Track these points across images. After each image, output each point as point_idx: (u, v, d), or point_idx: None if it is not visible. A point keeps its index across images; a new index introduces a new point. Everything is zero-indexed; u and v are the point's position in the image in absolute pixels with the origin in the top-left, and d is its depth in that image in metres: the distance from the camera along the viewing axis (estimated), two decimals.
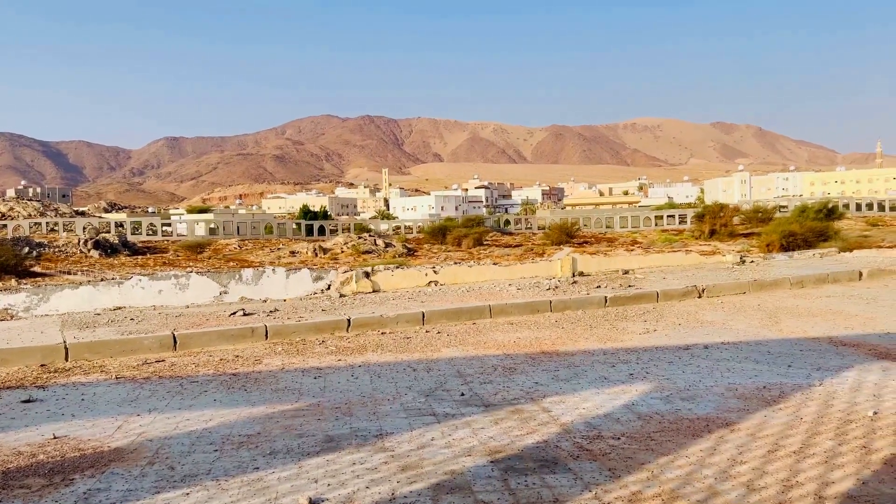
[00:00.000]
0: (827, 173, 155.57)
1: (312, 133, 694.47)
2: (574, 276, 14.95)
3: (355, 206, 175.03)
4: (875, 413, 5.15)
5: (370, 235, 60.33)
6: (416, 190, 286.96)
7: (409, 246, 57.34)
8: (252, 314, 10.44)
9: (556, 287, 12.71)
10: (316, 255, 51.09)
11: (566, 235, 60.97)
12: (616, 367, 6.93)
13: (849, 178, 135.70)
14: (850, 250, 21.70)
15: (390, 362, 7.46)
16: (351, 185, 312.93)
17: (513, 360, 7.37)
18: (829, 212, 62.87)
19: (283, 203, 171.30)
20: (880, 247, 34.56)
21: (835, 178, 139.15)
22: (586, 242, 60.99)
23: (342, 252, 52.20)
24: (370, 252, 51.86)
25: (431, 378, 6.68)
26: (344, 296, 12.69)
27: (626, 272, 15.28)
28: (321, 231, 78.86)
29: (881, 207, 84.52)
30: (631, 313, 10.43)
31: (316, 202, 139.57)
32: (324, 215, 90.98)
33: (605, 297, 11.28)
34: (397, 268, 14.83)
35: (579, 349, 7.91)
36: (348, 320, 9.52)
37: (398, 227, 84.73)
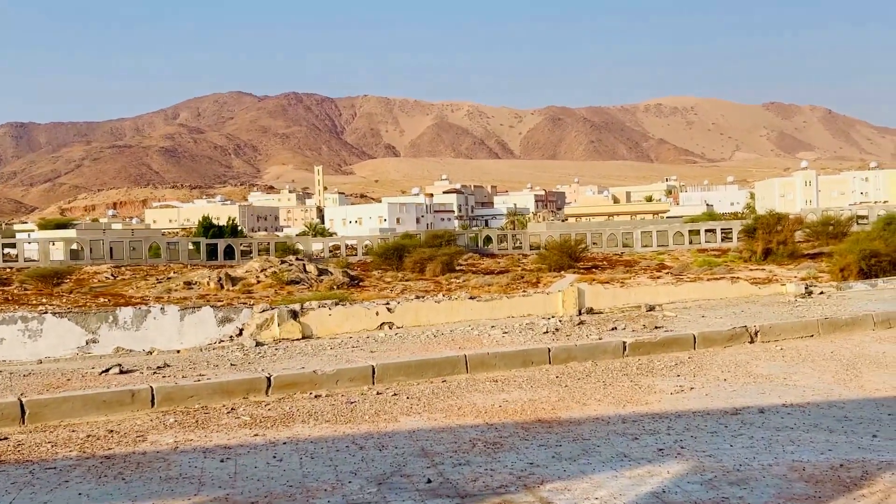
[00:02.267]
0: None
1: (216, 117, 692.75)
2: (581, 313, 15.06)
3: (277, 218, 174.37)
4: None
5: (298, 259, 60.15)
6: (362, 195, 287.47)
7: (352, 273, 57.25)
8: (132, 371, 10.31)
9: (557, 329, 12.78)
10: (222, 286, 50.69)
11: (569, 258, 61.51)
12: (640, 441, 6.98)
13: None
14: None
15: (328, 437, 7.40)
16: (271, 188, 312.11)
17: (498, 432, 7.37)
18: None
19: (176, 214, 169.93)
20: None
21: None
22: (596, 267, 61.58)
23: (258, 282, 51.88)
24: (298, 282, 51.63)
25: (386, 459, 6.64)
26: (262, 344, 12.60)
27: (652, 308, 15.44)
28: (229, 253, 78.33)
29: None
30: (659, 365, 10.52)
31: (222, 212, 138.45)
32: (233, 231, 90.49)
33: (624, 342, 11.36)
34: (337, 304, 14.79)
35: (589, 416, 7.94)
36: (268, 379, 9.44)
37: (337, 248, 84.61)
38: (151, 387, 8.98)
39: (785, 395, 8.56)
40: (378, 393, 9.33)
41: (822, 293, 17.58)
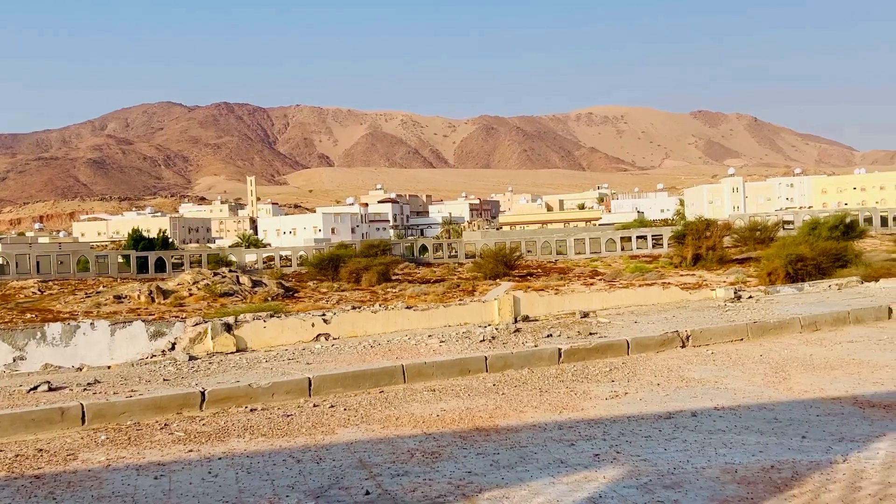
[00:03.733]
0: (843, 177, 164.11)
1: (146, 128, 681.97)
2: (516, 321, 15.14)
3: (209, 230, 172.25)
4: None
5: (231, 271, 59.44)
6: (296, 206, 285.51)
7: (287, 284, 56.79)
8: (62, 388, 10.09)
9: (493, 338, 12.83)
10: (153, 300, 49.90)
11: (504, 266, 61.92)
12: (576, 446, 7.04)
13: (871, 184, 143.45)
14: (876, 279, 22.86)
15: (264, 451, 7.33)
16: (203, 199, 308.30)
17: (436, 442, 7.37)
18: (848, 228, 66.29)
19: (105, 227, 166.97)
20: None
21: (853, 182, 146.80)
22: (531, 275, 62.02)
23: (191, 295, 51.18)
24: (231, 294, 51.06)
25: (323, 471, 6.60)
26: (195, 358, 12.42)
27: (586, 315, 15.60)
28: (160, 266, 77.13)
29: None
30: (594, 371, 10.63)
31: (152, 224, 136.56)
32: (163, 243, 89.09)
33: (559, 349, 11.45)
34: (272, 316, 14.64)
35: (526, 423, 7.99)
36: (202, 393, 9.31)
37: (271, 259, 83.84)
38: (82, 404, 8.79)
39: (716, 399, 8.71)
40: (315, 405, 9.26)
41: (750, 297, 17.93)
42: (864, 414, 7.79)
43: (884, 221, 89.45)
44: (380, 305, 18.87)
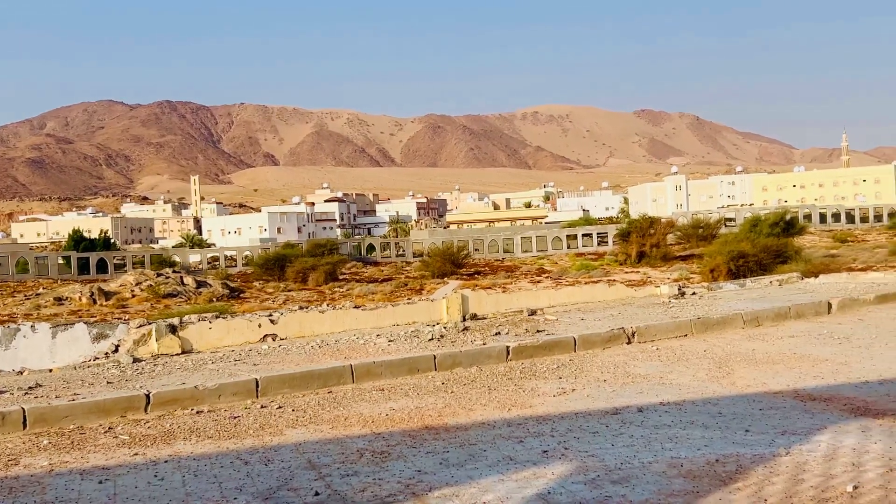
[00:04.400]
0: (783, 175, 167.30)
1: (86, 126, 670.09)
2: (465, 319, 15.18)
3: (152, 230, 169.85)
4: (855, 487, 5.54)
5: (175, 272, 58.72)
6: (241, 205, 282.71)
7: (232, 285, 56.26)
8: (2, 392, 9.89)
9: (442, 336, 12.85)
10: (95, 301, 49.09)
11: (452, 264, 62.02)
12: (525, 443, 7.08)
13: (810, 181, 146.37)
14: (816, 275, 23.37)
15: (211, 454, 7.25)
16: (145, 199, 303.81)
17: (385, 441, 7.37)
18: (788, 225, 67.67)
19: (44, 227, 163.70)
20: (851, 269, 37.51)
21: (793, 180, 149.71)
22: (479, 273, 62.22)
23: (134, 297, 50.45)
24: (175, 295, 50.43)
25: (272, 473, 6.56)
26: (140, 360, 12.25)
27: (534, 312, 15.69)
28: (101, 267, 75.91)
29: (850, 218, 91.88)
30: (541, 368, 10.71)
31: (93, 225, 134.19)
32: (105, 244, 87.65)
33: (507, 347, 11.52)
34: (217, 317, 14.50)
35: (475, 420, 8.02)
36: (147, 396, 9.19)
37: (216, 259, 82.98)
38: (23, 408, 8.63)
39: (662, 394, 8.82)
40: (262, 406, 9.20)
41: (694, 294, 18.20)
42: (806, 407, 7.96)
43: (822, 218, 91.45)
44: (327, 305, 18.80)
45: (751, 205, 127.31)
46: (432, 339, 12.66)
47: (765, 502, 5.37)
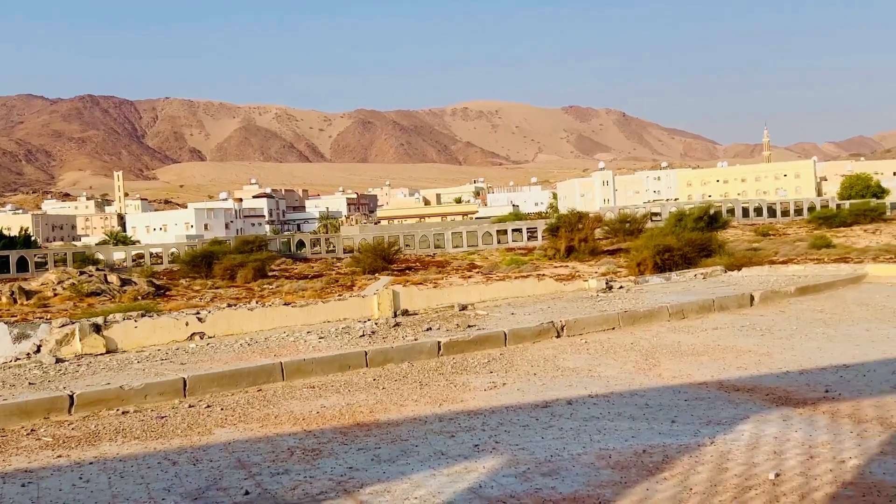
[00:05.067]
0: (707, 170, 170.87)
1: (5, 122, 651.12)
2: (396, 315, 15.18)
3: (74, 227, 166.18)
4: (777, 475, 5.69)
5: (98, 270, 57.55)
6: (167, 201, 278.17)
7: (158, 283, 55.35)
8: None
9: (373, 332, 12.83)
10: (15, 301, 47.87)
11: (383, 260, 61.91)
12: (456, 438, 7.12)
13: (732, 176, 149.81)
14: (739, 268, 23.91)
15: (138, 454, 7.14)
16: (67, 195, 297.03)
17: (317, 439, 7.34)
18: (712, 219, 69.15)
19: None
20: (773, 262, 38.45)
21: (716, 175, 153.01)
22: (410, 269, 62.25)
23: (56, 295, 49.31)
24: (99, 294, 49.42)
25: (200, 473, 6.48)
26: (63, 360, 11.98)
27: (465, 307, 15.76)
28: (22, 266, 74.06)
29: (771, 212, 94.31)
30: (472, 363, 10.76)
31: (13, 222, 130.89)
32: (25, 242, 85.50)
33: (439, 342, 11.55)
34: (143, 316, 14.25)
35: (407, 416, 8.03)
36: (71, 397, 9.00)
37: (141, 256, 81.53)
38: None
39: (591, 387, 8.94)
40: (190, 406, 9.08)
41: (621, 287, 18.47)
42: (729, 398, 8.14)
43: (745, 212, 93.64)
44: (257, 302, 18.62)
45: (676, 200, 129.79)
46: (363, 335, 12.63)
47: (690, 491, 5.49)
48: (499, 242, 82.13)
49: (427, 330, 12.90)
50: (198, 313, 14.29)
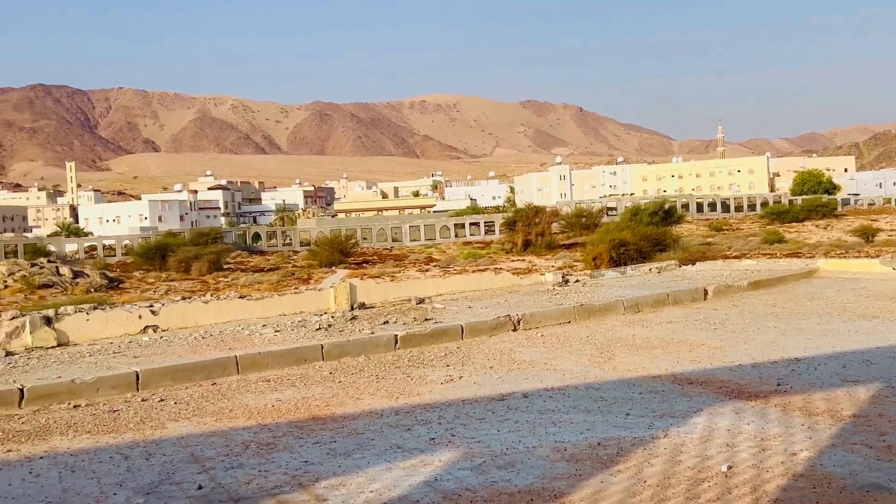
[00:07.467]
0: (662, 165, 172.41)
1: None
2: (353, 308, 15.14)
3: (25, 219, 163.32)
4: (729, 468, 5.78)
5: (50, 261, 56.61)
6: (120, 193, 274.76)
7: (111, 275, 54.60)
8: None
9: (330, 326, 12.79)
10: None
11: (340, 253, 61.60)
12: (413, 431, 7.12)
13: (687, 171, 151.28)
14: (693, 262, 24.19)
15: (89, 449, 7.06)
16: (18, 186, 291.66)
17: (271, 433, 7.30)
18: (666, 214, 69.81)
19: None
20: (726, 256, 38.99)
21: (671, 171, 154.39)
22: (367, 262, 62.06)
23: (6, 287, 48.48)
24: (51, 286, 48.65)
25: (153, 467, 6.42)
26: (13, 354, 11.79)
27: (422, 301, 15.76)
28: None
29: (725, 207, 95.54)
30: (429, 356, 10.77)
31: None
32: None
33: (396, 335, 11.54)
34: (95, 308, 14.06)
35: (363, 410, 8.02)
36: (21, 390, 8.87)
37: (94, 248, 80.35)
38: None
39: (546, 380, 8.99)
40: (143, 399, 8.98)
41: (577, 281, 18.58)
42: (683, 391, 8.24)
43: (699, 207, 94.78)
44: (211, 295, 18.47)
45: (632, 194, 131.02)
46: (320, 328, 12.58)
47: (644, 483, 5.54)
48: (456, 236, 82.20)
49: (384, 323, 12.89)
50: (151, 306, 14.13)
